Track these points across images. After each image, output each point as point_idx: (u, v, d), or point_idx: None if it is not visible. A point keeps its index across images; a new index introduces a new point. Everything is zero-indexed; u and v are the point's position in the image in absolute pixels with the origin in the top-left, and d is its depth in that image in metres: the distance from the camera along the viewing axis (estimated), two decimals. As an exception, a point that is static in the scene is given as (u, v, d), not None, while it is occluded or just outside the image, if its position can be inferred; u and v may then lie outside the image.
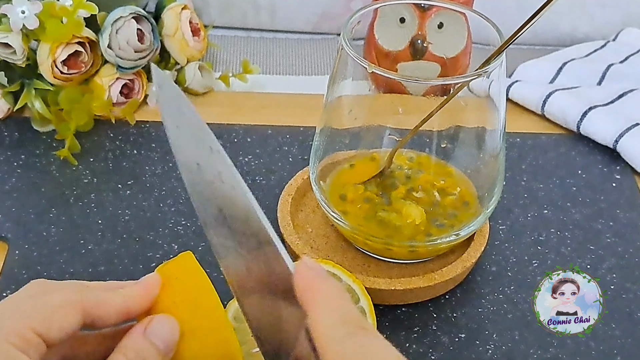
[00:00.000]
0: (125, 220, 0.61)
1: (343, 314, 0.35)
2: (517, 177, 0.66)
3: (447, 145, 0.57)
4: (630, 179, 0.67)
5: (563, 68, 0.78)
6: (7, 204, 0.62)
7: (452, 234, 0.55)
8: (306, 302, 0.35)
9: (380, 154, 0.59)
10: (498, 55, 0.50)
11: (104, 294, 0.39)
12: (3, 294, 0.54)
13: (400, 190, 0.56)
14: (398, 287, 0.53)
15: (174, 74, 0.74)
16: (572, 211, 0.64)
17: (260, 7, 0.84)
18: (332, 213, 0.56)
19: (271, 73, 0.80)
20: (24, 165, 0.65)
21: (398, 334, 0.54)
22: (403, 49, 0.66)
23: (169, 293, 0.40)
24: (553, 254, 0.60)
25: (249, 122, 0.71)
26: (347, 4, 0.83)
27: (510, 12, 0.76)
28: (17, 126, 0.69)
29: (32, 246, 0.58)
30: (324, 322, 0.34)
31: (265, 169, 0.66)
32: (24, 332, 0.35)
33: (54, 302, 0.37)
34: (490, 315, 0.55)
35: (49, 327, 0.36)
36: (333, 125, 0.57)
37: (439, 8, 0.62)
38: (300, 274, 0.36)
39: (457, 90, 0.51)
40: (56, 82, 0.67)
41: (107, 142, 0.68)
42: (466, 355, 0.53)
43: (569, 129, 0.72)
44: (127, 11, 0.67)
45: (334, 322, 0.34)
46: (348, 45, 0.51)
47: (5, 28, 0.64)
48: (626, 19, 0.84)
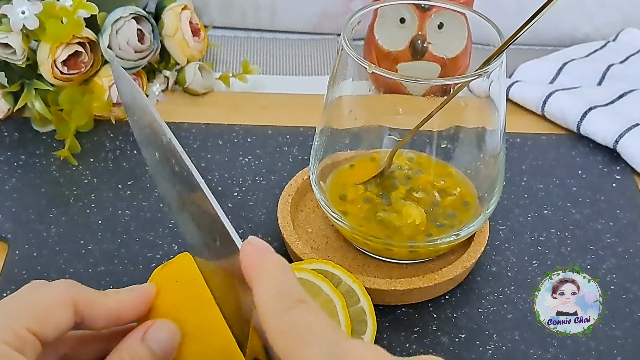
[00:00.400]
0: (125, 220, 0.61)
1: (283, 288, 0.34)
2: (517, 177, 0.66)
3: (447, 146, 0.57)
4: (630, 179, 0.67)
5: (563, 68, 0.78)
6: (7, 204, 0.62)
7: (452, 234, 0.55)
8: (250, 278, 0.35)
9: (380, 154, 0.59)
10: (498, 55, 0.50)
11: (95, 295, 0.39)
12: (3, 294, 0.54)
13: (400, 191, 0.56)
14: (398, 287, 0.53)
15: (174, 74, 0.74)
16: (572, 211, 0.64)
17: (260, 7, 0.84)
18: (332, 213, 0.56)
19: (271, 73, 0.80)
20: (24, 166, 0.65)
21: (398, 334, 0.54)
22: (403, 49, 0.66)
23: (169, 296, 0.40)
24: (553, 254, 0.60)
25: (249, 122, 0.71)
26: (347, 4, 0.83)
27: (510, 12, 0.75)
28: (17, 126, 0.69)
29: (32, 246, 0.58)
30: (264, 297, 0.34)
31: (265, 169, 0.66)
32: (19, 331, 0.35)
33: (46, 300, 0.37)
34: (490, 316, 0.55)
35: (43, 325, 0.36)
36: (333, 126, 0.57)
37: (439, 8, 0.62)
38: (245, 252, 0.35)
39: (457, 90, 0.51)
40: (56, 82, 0.67)
41: (107, 143, 0.68)
42: (466, 355, 0.53)
43: (569, 129, 0.72)
44: (127, 11, 0.67)
45: (273, 296, 0.34)
46: (348, 46, 0.51)
47: (5, 28, 0.64)
48: (626, 19, 0.84)
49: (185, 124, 0.70)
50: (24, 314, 0.36)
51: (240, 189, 0.64)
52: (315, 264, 0.53)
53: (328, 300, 0.50)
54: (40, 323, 0.36)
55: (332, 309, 0.50)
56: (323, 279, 0.51)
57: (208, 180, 0.64)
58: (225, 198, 0.63)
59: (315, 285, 0.51)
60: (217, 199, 0.66)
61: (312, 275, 0.51)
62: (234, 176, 0.65)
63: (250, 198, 0.63)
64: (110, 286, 0.55)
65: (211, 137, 0.69)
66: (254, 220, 0.61)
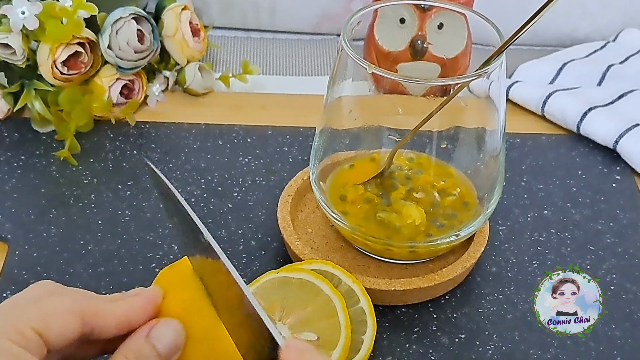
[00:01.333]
0: (125, 221, 0.61)
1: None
2: (517, 178, 0.66)
3: (447, 146, 0.57)
4: (630, 179, 0.67)
5: (563, 68, 0.78)
6: (7, 204, 0.62)
7: (452, 235, 0.55)
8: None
9: (380, 154, 0.59)
10: (498, 55, 0.50)
11: (104, 305, 0.38)
12: (3, 294, 0.54)
13: (400, 191, 0.56)
14: (398, 287, 0.53)
15: (174, 75, 0.74)
16: (572, 211, 0.64)
17: (260, 7, 0.84)
18: (332, 214, 0.56)
19: (271, 73, 0.80)
20: (24, 166, 0.65)
21: (398, 334, 0.54)
22: (403, 50, 0.66)
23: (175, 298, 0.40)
24: (553, 254, 0.60)
25: (249, 122, 0.71)
26: (347, 5, 0.83)
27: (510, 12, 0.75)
28: (17, 127, 0.69)
29: (32, 246, 0.58)
30: None
31: (265, 169, 0.66)
32: (23, 330, 0.35)
33: (54, 306, 0.37)
34: (490, 316, 0.55)
35: (47, 329, 0.36)
36: (333, 126, 0.57)
37: (439, 8, 0.62)
38: (286, 355, 0.36)
39: (457, 90, 0.51)
40: (56, 82, 0.67)
41: (107, 143, 0.68)
42: (466, 355, 0.53)
43: (569, 130, 0.72)
44: (127, 12, 0.67)
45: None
46: (348, 46, 0.51)
47: (5, 29, 0.64)
48: (626, 19, 0.84)
49: (185, 124, 0.70)
50: (30, 316, 0.36)
51: (240, 189, 0.64)
52: (315, 264, 0.53)
53: (328, 300, 0.50)
54: (45, 327, 0.36)
55: (331, 309, 0.50)
56: (323, 280, 0.51)
57: (208, 180, 0.64)
58: (225, 198, 0.63)
59: (315, 285, 0.51)
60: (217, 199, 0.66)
61: (312, 276, 0.51)
62: (234, 176, 0.65)
63: (250, 198, 0.63)
64: (110, 286, 0.56)
65: (211, 137, 0.69)
66: (254, 220, 0.61)
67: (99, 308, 0.38)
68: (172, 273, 0.42)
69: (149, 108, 0.72)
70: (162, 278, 0.42)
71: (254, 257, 0.58)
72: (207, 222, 0.61)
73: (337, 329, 0.49)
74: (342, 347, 0.49)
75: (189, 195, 0.63)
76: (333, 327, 0.49)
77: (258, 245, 0.59)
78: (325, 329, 0.49)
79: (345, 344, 0.49)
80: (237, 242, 0.59)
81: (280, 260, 0.58)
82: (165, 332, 0.38)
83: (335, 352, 0.48)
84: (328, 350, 0.48)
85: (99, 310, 0.38)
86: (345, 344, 0.49)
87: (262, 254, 0.58)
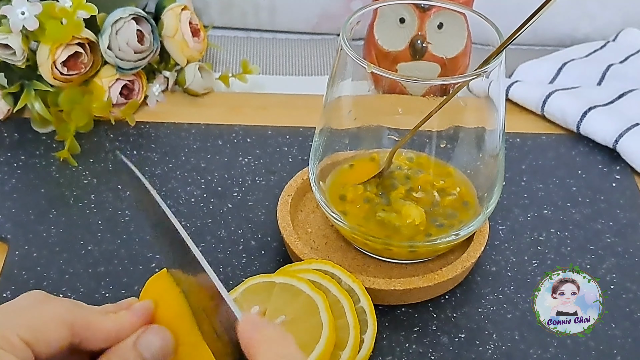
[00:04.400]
0: (125, 221, 0.61)
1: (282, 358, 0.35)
2: (517, 177, 0.66)
3: (447, 146, 0.57)
4: (630, 179, 0.67)
5: (563, 68, 0.78)
6: (7, 204, 0.62)
7: (451, 234, 0.55)
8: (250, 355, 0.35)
9: (379, 154, 0.59)
10: (497, 55, 0.50)
11: (95, 317, 0.38)
12: (3, 294, 0.54)
13: (399, 191, 0.56)
14: (398, 287, 0.53)
15: (173, 75, 0.74)
16: (572, 211, 0.64)
17: (260, 7, 0.84)
18: (332, 213, 0.56)
19: (271, 73, 0.80)
20: (24, 166, 0.65)
21: (398, 334, 0.54)
22: (403, 49, 0.66)
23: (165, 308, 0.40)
24: (553, 254, 0.60)
25: (249, 122, 0.71)
26: (347, 4, 0.83)
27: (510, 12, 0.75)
28: (17, 127, 0.69)
29: (32, 247, 0.58)
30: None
31: (265, 169, 0.66)
32: (10, 338, 0.35)
33: (43, 315, 0.37)
34: (490, 315, 0.55)
35: (36, 338, 0.36)
36: (332, 126, 0.57)
37: (439, 8, 0.62)
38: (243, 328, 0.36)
39: (457, 90, 0.51)
40: (56, 83, 0.67)
41: (106, 143, 0.68)
42: (466, 355, 0.53)
43: (569, 129, 0.72)
44: (126, 12, 0.67)
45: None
46: (347, 46, 0.51)
47: (5, 29, 0.64)
48: (626, 19, 0.84)
49: (185, 124, 0.70)
50: (19, 324, 0.36)
51: (240, 189, 0.64)
52: (314, 264, 0.53)
53: (335, 301, 0.50)
54: (34, 335, 0.36)
55: (339, 310, 0.50)
56: (330, 280, 0.51)
57: (208, 180, 0.64)
58: (225, 198, 0.63)
59: (322, 285, 0.51)
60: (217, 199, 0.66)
61: (318, 276, 0.51)
62: (234, 176, 0.65)
63: (250, 198, 0.63)
64: (110, 286, 0.56)
65: (211, 138, 0.69)
66: (254, 220, 0.61)
67: (89, 320, 0.38)
68: (160, 282, 0.42)
69: (148, 108, 0.72)
70: (150, 287, 0.42)
71: (253, 257, 0.58)
72: (207, 222, 0.61)
73: (346, 329, 0.49)
74: (352, 347, 0.48)
75: (188, 195, 0.63)
76: (342, 327, 0.49)
77: (258, 245, 0.59)
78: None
79: (354, 344, 0.49)
80: (237, 242, 0.59)
81: (280, 260, 0.58)
82: (153, 341, 0.38)
83: (344, 353, 0.48)
84: (337, 351, 0.48)
85: (89, 323, 0.38)
86: (355, 344, 0.49)
87: (262, 253, 0.58)
